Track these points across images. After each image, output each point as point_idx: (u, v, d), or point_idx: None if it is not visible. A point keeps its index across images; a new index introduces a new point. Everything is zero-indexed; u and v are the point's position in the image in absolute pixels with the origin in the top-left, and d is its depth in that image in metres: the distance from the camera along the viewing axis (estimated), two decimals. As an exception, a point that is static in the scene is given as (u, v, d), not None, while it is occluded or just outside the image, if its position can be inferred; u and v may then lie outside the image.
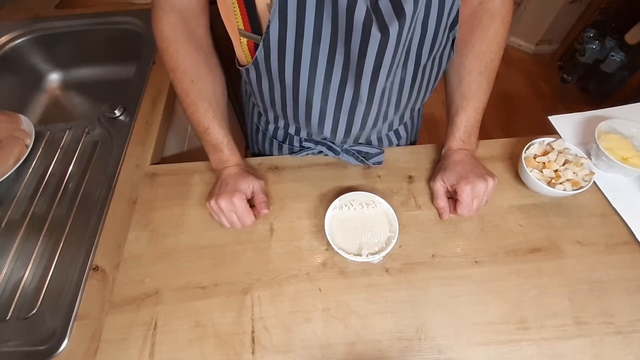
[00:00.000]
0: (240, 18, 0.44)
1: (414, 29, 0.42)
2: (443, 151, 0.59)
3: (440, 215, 0.54)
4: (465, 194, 0.50)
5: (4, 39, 0.89)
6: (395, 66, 0.45)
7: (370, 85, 0.46)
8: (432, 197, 0.56)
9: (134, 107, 0.72)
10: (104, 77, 1.00)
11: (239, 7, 0.43)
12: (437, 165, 0.59)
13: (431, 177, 0.58)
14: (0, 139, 0.65)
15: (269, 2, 0.40)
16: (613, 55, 1.64)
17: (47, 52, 0.94)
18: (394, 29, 0.39)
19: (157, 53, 0.82)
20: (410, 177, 0.60)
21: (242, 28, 0.45)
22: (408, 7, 0.38)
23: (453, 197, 0.54)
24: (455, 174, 0.52)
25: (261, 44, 0.44)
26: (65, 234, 0.57)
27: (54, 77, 0.99)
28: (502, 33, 0.53)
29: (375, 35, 0.39)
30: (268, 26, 0.41)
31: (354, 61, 0.43)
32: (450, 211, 0.54)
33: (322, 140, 0.60)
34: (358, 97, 0.48)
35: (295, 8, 0.39)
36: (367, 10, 0.37)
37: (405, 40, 0.42)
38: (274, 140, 0.67)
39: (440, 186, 0.54)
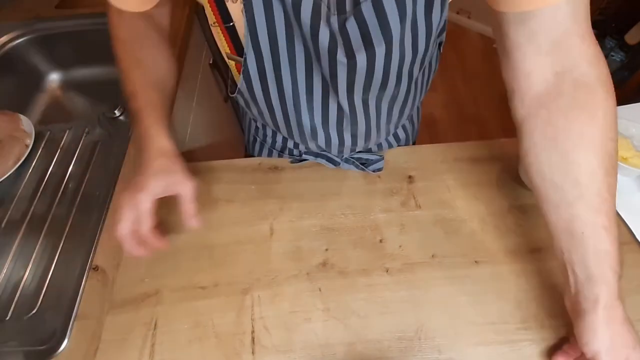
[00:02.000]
0: (225, 43, 0.44)
1: (401, 54, 0.40)
2: (593, 303, 0.36)
3: None
4: None
5: (4, 39, 0.88)
6: (374, 86, 0.44)
7: (348, 99, 0.45)
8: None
9: (134, 107, 0.72)
10: (104, 77, 1.00)
11: (222, 33, 0.42)
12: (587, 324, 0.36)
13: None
14: (0, 139, 0.65)
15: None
16: (613, 55, 1.64)
17: (47, 52, 0.94)
18: (361, 58, 0.38)
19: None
20: (410, 177, 0.60)
21: (229, 52, 0.45)
22: (378, 42, 0.36)
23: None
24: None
25: (241, 76, 0.44)
26: (65, 234, 0.57)
27: (54, 77, 0.99)
28: (612, 107, 0.36)
29: (342, 60, 0.38)
30: (245, 59, 0.41)
31: (328, 80, 0.43)
32: None
33: (322, 152, 0.60)
34: (342, 110, 0.48)
35: (267, 39, 0.39)
36: (332, 35, 0.36)
37: (388, 67, 0.41)
38: (273, 150, 0.67)
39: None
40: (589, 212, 0.35)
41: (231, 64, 0.47)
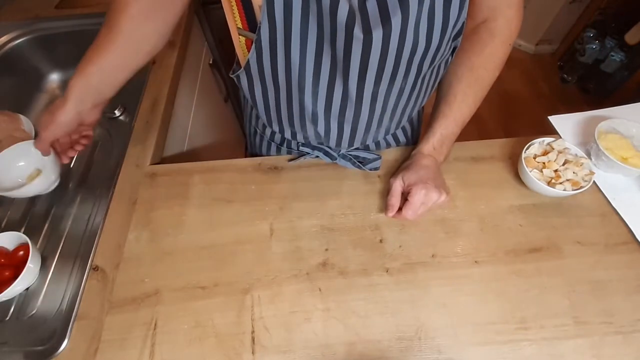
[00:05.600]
0: (238, 17, 0.44)
1: (415, 40, 0.41)
2: (413, 152, 0.58)
3: (386, 211, 0.52)
4: (417, 197, 0.49)
5: (4, 39, 0.89)
6: (386, 72, 0.44)
7: (357, 86, 0.46)
8: (388, 192, 0.54)
9: (134, 107, 0.72)
10: (104, 77, 1.00)
11: (237, 5, 0.43)
12: (403, 164, 0.58)
13: (394, 173, 0.57)
14: (0, 139, 0.65)
15: (261, 3, 0.40)
16: (613, 55, 1.64)
17: (47, 52, 0.94)
18: (377, 34, 0.39)
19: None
20: (410, 177, 0.60)
21: (241, 27, 0.45)
22: (395, 16, 0.37)
23: (406, 197, 0.52)
24: (417, 176, 0.52)
25: (253, 46, 0.44)
26: (66, 234, 0.57)
27: (54, 77, 0.99)
28: (500, 53, 0.51)
29: (358, 36, 0.39)
30: (259, 28, 0.41)
31: (340, 61, 0.43)
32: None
33: (319, 145, 0.60)
34: (347, 98, 0.48)
35: (283, 10, 0.39)
36: (350, 11, 0.37)
37: (401, 50, 0.42)
38: (272, 143, 0.67)
39: (399, 185, 0.53)
40: (444, 104, 0.55)
41: (241, 40, 0.47)
